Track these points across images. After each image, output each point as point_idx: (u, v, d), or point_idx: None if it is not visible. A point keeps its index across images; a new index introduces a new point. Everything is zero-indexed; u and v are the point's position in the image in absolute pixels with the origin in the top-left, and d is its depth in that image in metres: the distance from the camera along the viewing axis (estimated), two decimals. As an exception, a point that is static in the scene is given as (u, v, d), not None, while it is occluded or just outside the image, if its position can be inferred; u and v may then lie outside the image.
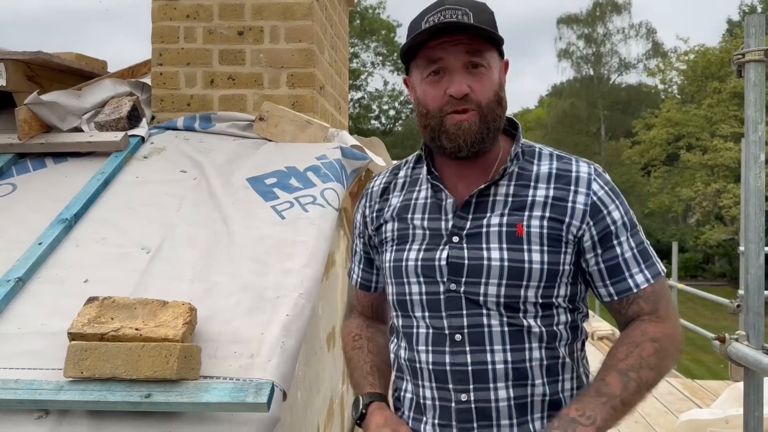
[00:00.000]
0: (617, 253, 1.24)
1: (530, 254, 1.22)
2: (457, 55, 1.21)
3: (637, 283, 1.24)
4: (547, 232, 1.22)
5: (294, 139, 2.44)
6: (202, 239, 1.90)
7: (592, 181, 1.25)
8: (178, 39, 2.54)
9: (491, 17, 1.25)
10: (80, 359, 1.38)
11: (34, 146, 2.31)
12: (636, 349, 1.18)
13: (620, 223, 1.25)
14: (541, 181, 1.26)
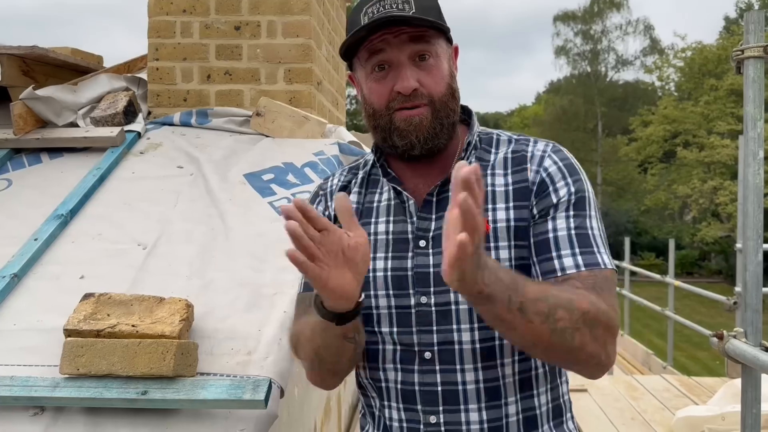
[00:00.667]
0: (547, 228, 1.09)
1: (498, 251, 1.10)
2: (401, 47, 1.10)
3: (563, 266, 1.06)
4: (513, 225, 1.11)
5: (291, 134, 2.43)
6: (199, 235, 1.89)
7: (545, 158, 1.15)
8: (175, 34, 2.52)
9: (434, 2, 1.16)
10: (76, 356, 1.37)
11: (29, 141, 2.29)
12: (573, 293, 1.01)
13: (564, 199, 1.10)
14: (498, 168, 1.16)
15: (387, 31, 1.09)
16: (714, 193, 25.12)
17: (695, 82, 27.73)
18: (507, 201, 1.13)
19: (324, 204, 1.26)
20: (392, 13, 1.08)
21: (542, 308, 0.96)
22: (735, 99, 25.51)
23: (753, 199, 2.00)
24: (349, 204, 1.00)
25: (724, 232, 24.89)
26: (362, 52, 1.13)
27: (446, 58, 1.16)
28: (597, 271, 1.05)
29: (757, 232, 1.99)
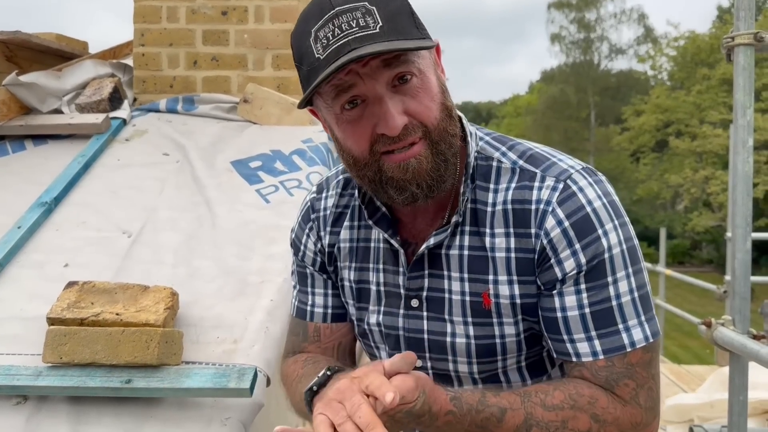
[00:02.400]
0: (555, 307, 0.91)
1: (502, 328, 0.96)
2: (375, 76, 0.85)
3: (578, 352, 0.90)
4: (519, 302, 0.94)
5: (279, 122, 2.40)
6: (185, 223, 1.87)
7: (548, 215, 0.91)
8: (161, 19, 2.49)
9: (402, 1, 0.88)
10: (59, 344, 1.35)
11: (13, 128, 2.26)
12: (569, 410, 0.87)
13: (572, 273, 0.90)
14: (498, 225, 0.94)
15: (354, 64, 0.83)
16: (706, 183, 25.24)
17: (688, 71, 27.76)
18: (509, 273, 0.94)
19: (316, 234, 1.09)
20: (355, 35, 0.82)
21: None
22: (727, 88, 25.55)
23: (742, 188, 1.99)
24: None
25: (716, 221, 25.02)
26: (325, 88, 0.86)
27: (432, 70, 0.91)
28: (617, 358, 0.89)
29: (746, 220, 1.99)
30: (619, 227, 0.91)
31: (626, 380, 0.89)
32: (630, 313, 0.90)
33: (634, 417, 0.89)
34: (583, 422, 0.87)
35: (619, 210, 0.93)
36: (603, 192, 0.93)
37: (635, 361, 0.89)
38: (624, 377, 0.89)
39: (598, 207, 0.91)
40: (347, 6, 0.84)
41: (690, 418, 4.38)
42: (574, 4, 30.86)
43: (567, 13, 31.08)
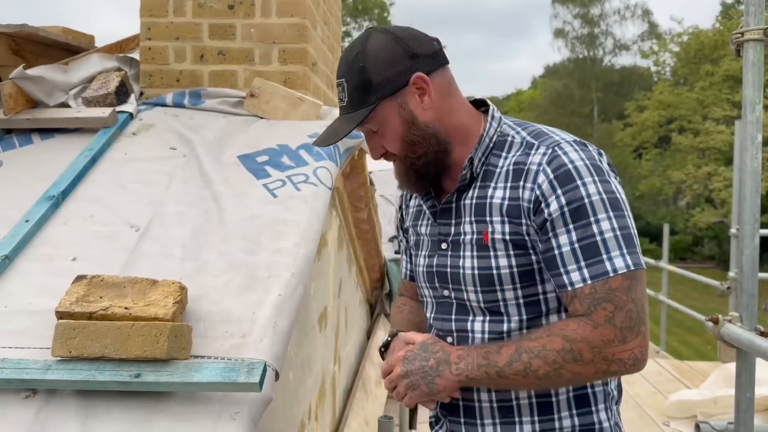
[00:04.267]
0: (552, 246, 1.16)
1: (497, 260, 1.22)
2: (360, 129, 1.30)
3: (572, 281, 1.14)
4: (510, 238, 1.21)
5: (286, 116, 2.40)
6: (192, 217, 1.87)
7: (539, 173, 1.18)
8: (167, 13, 2.48)
9: (361, 75, 1.24)
10: (68, 338, 1.35)
11: (20, 122, 2.26)
12: (546, 337, 1.14)
13: (557, 214, 1.15)
14: (500, 180, 1.25)
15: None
16: (708, 179, 25.20)
17: (691, 67, 27.69)
18: (502, 215, 1.23)
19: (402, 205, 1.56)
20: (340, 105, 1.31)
21: (518, 367, 1.14)
22: (731, 85, 25.50)
23: (750, 183, 1.99)
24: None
25: (718, 218, 25.00)
26: None
27: (394, 115, 1.26)
28: (600, 284, 1.12)
29: (754, 216, 1.99)
30: (598, 182, 1.16)
31: (605, 304, 1.11)
32: (613, 246, 1.12)
33: (605, 336, 1.11)
34: (557, 343, 1.13)
35: (601, 170, 1.18)
36: (587, 156, 1.19)
37: (616, 286, 1.11)
38: (603, 302, 1.11)
39: (579, 165, 1.17)
40: (338, 79, 1.29)
41: (693, 414, 4.38)
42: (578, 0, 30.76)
43: (571, 8, 30.98)
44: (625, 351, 1.12)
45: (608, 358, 1.12)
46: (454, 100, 1.30)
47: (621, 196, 1.19)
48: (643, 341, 1.13)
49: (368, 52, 1.24)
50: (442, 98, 1.28)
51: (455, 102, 1.30)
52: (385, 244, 5.30)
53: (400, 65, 1.23)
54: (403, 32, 1.28)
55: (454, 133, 1.28)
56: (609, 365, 1.12)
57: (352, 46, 1.27)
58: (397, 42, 1.25)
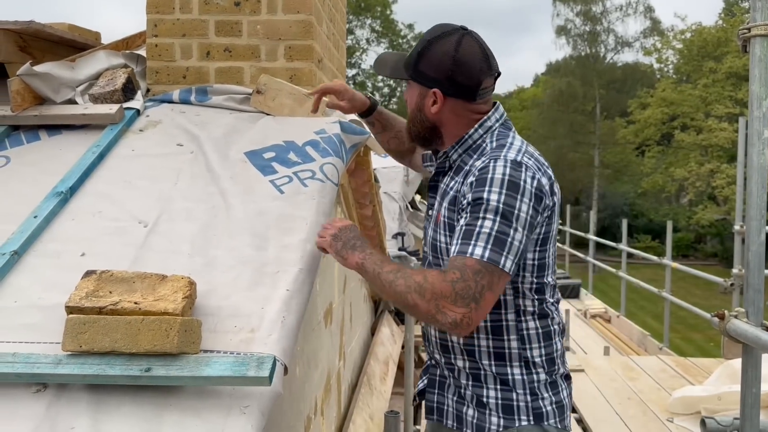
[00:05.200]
0: (458, 227, 1.53)
1: (439, 235, 1.67)
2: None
3: (454, 250, 1.50)
4: (446, 221, 1.64)
5: (292, 112, 2.40)
6: (200, 213, 1.88)
7: (470, 174, 1.56)
8: (174, 10, 2.48)
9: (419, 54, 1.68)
10: (79, 333, 1.36)
11: (27, 118, 2.26)
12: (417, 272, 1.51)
13: (466, 203, 1.53)
14: (460, 176, 1.63)
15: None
16: (711, 177, 25.17)
17: (694, 64, 27.62)
18: (446, 202, 1.65)
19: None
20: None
21: (389, 277, 1.51)
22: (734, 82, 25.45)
23: (757, 179, 1.99)
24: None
25: (720, 215, 24.97)
26: None
27: (415, 94, 1.72)
28: (459, 257, 1.46)
29: (760, 212, 1.99)
30: (504, 194, 1.48)
31: (455, 270, 1.44)
32: (481, 240, 1.45)
33: (444, 290, 1.42)
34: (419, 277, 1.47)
35: (516, 187, 1.49)
36: (509, 173, 1.50)
37: (468, 265, 1.44)
38: (455, 269, 1.44)
39: (496, 177, 1.50)
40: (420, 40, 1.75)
41: (697, 410, 4.39)
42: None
43: (572, 5, 30.87)
44: (451, 311, 1.42)
45: (438, 306, 1.43)
46: (463, 120, 1.68)
47: (518, 212, 1.48)
48: (468, 314, 1.42)
49: (434, 46, 1.64)
50: (450, 113, 1.67)
51: (463, 121, 1.68)
52: (389, 240, 5.30)
53: (437, 75, 1.64)
54: (470, 57, 1.62)
55: (450, 135, 1.70)
56: (437, 312, 1.43)
57: (449, 32, 1.64)
58: (454, 62, 1.61)
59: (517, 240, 1.46)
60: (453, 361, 1.70)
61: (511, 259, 1.45)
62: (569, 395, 1.72)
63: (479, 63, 1.62)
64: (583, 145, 30.90)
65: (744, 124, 5.40)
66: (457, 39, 1.61)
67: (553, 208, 1.60)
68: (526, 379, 1.63)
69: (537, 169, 1.54)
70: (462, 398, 1.69)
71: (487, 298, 1.44)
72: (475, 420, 1.65)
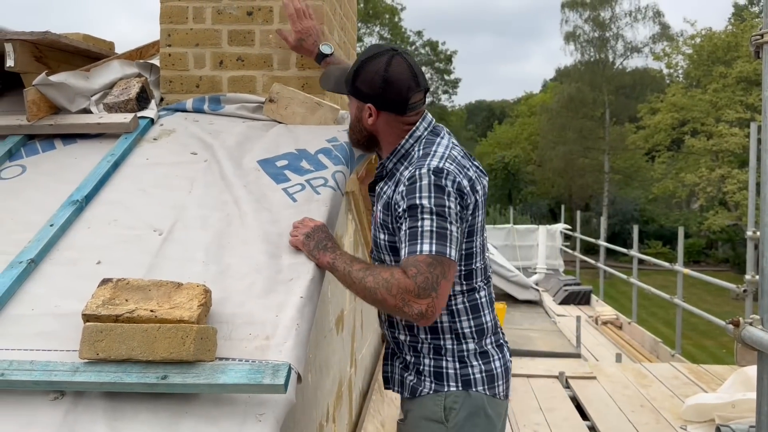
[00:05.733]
0: (402, 230, 1.73)
1: (378, 234, 1.89)
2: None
3: (404, 253, 1.70)
4: (381, 222, 1.87)
5: (304, 121, 2.42)
6: (215, 221, 1.89)
7: (400, 183, 1.77)
8: (187, 20, 2.50)
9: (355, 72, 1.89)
10: (96, 340, 1.37)
11: (43, 127, 2.29)
12: (383, 269, 1.70)
13: (402, 210, 1.73)
14: (393, 183, 1.84)
15: None
16: (722, 182, 24.99)
17: (704, 69, 27.48)
18: (381, 205, 1.88)
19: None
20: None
21: (359, 275, 1.69)
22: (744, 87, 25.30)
23: (771, 185, 1.98)
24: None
25: (732, 220, 24.78)
26: None
27: (354, 107, 1.96)
28: (411, 256, 1.66)
29: (775, 218, 1.98)
30: (433, 197, 1.69)
31: (411, 267, 1.64)
32: (426, 238, 1.66)
33: (407, 285, 1.62)
34: (386, 275, 1.66)
35: (440, 190, 1.70)
36: (433, 180, 1.71)
37: (421, 260, 1.65)
38: (411, 266, 1.64)
39: (423, 185, 1.71)
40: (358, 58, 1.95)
41: (710, 417, 4.35)
42: (588, 3, 30.59)
43: (581, 12, 30.81)
44: (416, 303, 1.62)
45: (405, 299, 1.62)
46: (396, 130, 1.90)
47: (449, 210, 1.70)
48: (432, 303, 1.62)
49: (367, 66, 1.85)
50: (384, 124, 1.89)
51: (395, 131, 1.90)
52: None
53: (370, 91, 1.85)
54: (398, 76, 1.82)
55: (386, 143, 1.92)
56: (404, 305, 1.62)
57: (381, 53, 1.85)
58: (384, 81, 1.81)
59: (454, 232, 1.69)
60: (397, 335, 1.95)
61: (454, 248, 1.69)
62: (504, 364, 1.93)
63: (407, 81, 1.83)
64: (592, 151, 30.79)
65: (756, 129, 5.37)
66: (387, 59, 1.82)
67: (477, 203, 1.81)
68: (455, 349, 1.87)
69: (458, 172, 1.75)
70: (405, 367, 1.95)
71: (443, 286, 1.66)
72: (413, 383, 1.91)
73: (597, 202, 30.80)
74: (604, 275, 11.90)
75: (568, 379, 5.59)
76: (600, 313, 9.64)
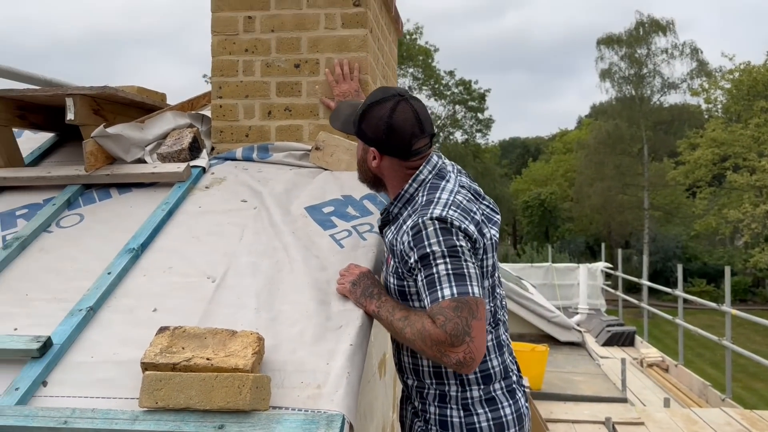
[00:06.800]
0: (417, 280, 1.69)
1: (389, 277, 1.84)
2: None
3: (427, 304, 1.64)
4: (392, 267, 1.82)
5: (349, 167, 2.47)
6: (265, 268, 1.93)
7: (403, 234, 1.73)
8: (237, 73, 2.60)
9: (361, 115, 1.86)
10: (155, 389, 1.40)
11: (100, 177, 2.38)
12: (417, 320, 1.64)
13: (414, 260, 1.68)
14: (396, 228, 1.81)
15: None
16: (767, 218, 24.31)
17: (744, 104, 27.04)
18: (389, 251, 1.85)
19: None
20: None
21: (399, 325, 1.69)
22: (787, 121, 24.78)
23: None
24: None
25: (779, 257, 24.01)
26: None
27: (360, 148, 1.94)
28: (435, 305, 1.62)
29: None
30: (441, 241, 1.65)
31: (439, 316, 1.59)
32: (444, 282, 1.62)
33: (438, 336, 1.58)
34: (420, 325, 1.62)
35: (448, 233, 1.66)
36: (437, 227, 1.67)
37: (445, 306, 1.59)
38: (438, 314, 1.59)
39: (429, 233, 1.67)
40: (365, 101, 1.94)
41: (768, 468, 4.16)
42: (624, 40, 30.53)
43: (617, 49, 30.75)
44: (453, 353, 1.57)
45: (441, 351, 1.58)
46: (399, 174, 1.86)
47: (461, 248, 1.65)
48: (468, 349, 1.57)
49: (372, 110, 1.83)
50: (388, 167, 1.86)
51: (399, 174, 1.86)
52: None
53: (374, 136, 1.83)
54: (402, 123, 1.79)
55: (391, 185, 1.89)
56: (441, 356, 1.59)
57: (387, 98, 1.82)
58: (387, 127, 1.79)
59: (471, 269, 1.65)
60: (405, 379, 1.93)
61: (476, 284, 1.63)
62: (517, 410, 1.83)
63: (411, 128, 1.80)
64: (631, 187, 30.34)
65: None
66: (392, 105, 1.79)
67: (485, 246, 1.76)
68: (459, 396, 1.80)
69: (462, 218, 1.70)
70: (416, 413, 1.90)
71: (476, 327, 1.58)
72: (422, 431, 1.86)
73: (637, 239, 30.19)
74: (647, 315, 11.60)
75: (615, 425, 5.43)
76: (645, 355, 9.37)
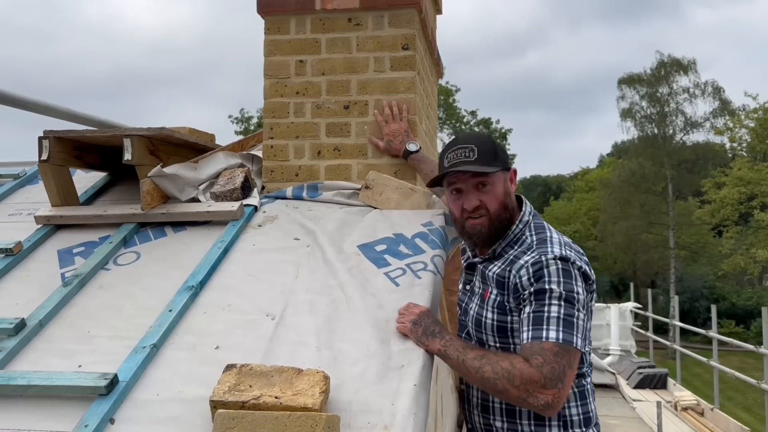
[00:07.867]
0: (522, 312, 1.75)
1: (487, 312, 1.88)
2: (467, 181, 1.91)
3: (524, 338, 1.70)
4: (496, 299, 1.87)
5: (398, 206, 2.49)
6: (323, 306, 1.94)
7: (522, 269, 1.79)
8: (288, 114, 2.66)
9: (492, 147, 1.92)
10: (228, 428, 1.40)
11: (155, 216, 2.43)
12: (502, 357, 1.68)
13: (527, 294, 1.74)
14: (505, 264, 1.87)
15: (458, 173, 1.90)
16: (797, 258, 23.85)
17: (770, 142, 26.83)
18: (494, 285, 1.89)
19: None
20: (461, 160, 1.89)
21: (475, 364, 1.68)
22: (814, 159, 24.51)
23: None
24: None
25: (811, 298, 23.45)
26: (445, 181, 1.99)
27: (501, 183, 1.93)
28: (536, 342, 1.66)
29: None
30: (563, 282, 1.71)
31: (537, 356, 1.62)
32: (552, 324, 1.66)
33: (532, 376, 1.60)
34: (506, 363, 1.65)
35: (569, 275, 1.73)
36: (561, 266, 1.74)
37: (547, 348, 1.64)
38: (536, 354, 1.63)
39: (551, 270, 1.74)
40: (464, 144, 1.91)
41: None
42: (645, 80, 30.61)
43: (638, 88, 30.80)
44: (542, 394, 1.60)
45: (529, 390, 1.60)
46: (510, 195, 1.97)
47: (577, 296, 1.71)
48: (558, 394, 1.60)
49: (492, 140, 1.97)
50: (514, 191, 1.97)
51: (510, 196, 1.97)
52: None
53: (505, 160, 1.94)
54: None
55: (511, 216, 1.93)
56: (528, 396, 1.60)
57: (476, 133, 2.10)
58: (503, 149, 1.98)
59: (581, 320, 1.70)
60: (491, 422, 1.92)
61: (580, 337, 1.68)
62: None
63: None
64: (656, 226, 30.02)
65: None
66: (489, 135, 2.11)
67: (593, 285, 1.84)
68: None
69: (578, 258, 1.79)
70: None
71: (569, 377, 1.64)
72: None
73: (663, 279, 29.73)
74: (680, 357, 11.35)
75: (655, 470, 5.27)
76: (679, 398, 9.13)
